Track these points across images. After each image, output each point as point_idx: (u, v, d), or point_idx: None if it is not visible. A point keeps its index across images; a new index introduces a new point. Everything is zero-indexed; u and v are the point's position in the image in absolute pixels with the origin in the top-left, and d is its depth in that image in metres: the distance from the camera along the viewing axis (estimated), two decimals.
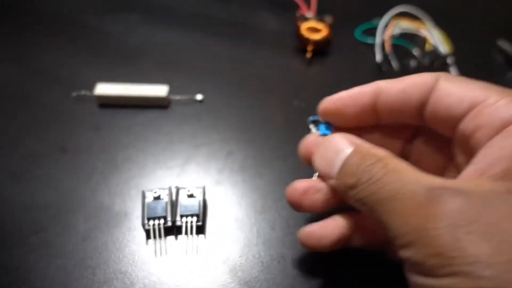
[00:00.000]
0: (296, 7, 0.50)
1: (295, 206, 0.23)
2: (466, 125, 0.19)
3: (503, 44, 0.47)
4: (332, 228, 0.22)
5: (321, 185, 0.22)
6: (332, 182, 0.21)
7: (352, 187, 0.19)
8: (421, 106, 0.21)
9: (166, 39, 0.46)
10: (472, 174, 0.18)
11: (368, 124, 0.24)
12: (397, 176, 0.18)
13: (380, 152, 0.19)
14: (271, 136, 0.36)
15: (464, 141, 0.20)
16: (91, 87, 0.37)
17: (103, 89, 0.36)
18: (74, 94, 0.37)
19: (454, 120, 0.20)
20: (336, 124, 0.24)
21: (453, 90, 0.20)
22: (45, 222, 0.28)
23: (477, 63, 0.47)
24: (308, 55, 0.44)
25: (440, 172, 0.23)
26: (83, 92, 0.37)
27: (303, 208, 0.23)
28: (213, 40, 0.47)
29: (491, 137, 0.18)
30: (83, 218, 0.29)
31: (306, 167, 0.32)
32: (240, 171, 0.33)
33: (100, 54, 0.44)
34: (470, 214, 0.15)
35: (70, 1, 0.51)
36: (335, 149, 0.21)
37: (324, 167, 0.21)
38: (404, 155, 0.24)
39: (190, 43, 0.46)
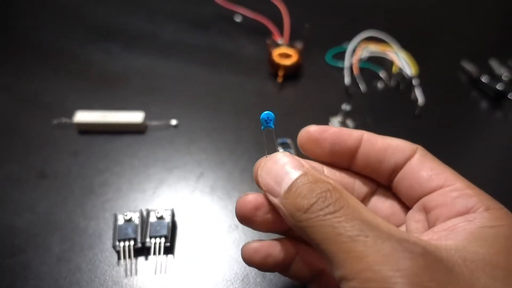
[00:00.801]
0: (270, 33, 0.52)
1: (245, 220, 0.22)
2: (431, 200, 0.21)
3: (467, 65, 0.50)
4: (280, 249, 0.22)
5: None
6: (277, 200, 0.20)
7: (303, 210, 0.18)
8: (395, 171, 0.22)
9: (145, 66, 0.49)
10: (431, 238, 0.19)
11: (336, 165, 0.24)
12: (357, 215, 0.17)
13: (331, 181, 0.19)
14: (241, 158, 0.38)
15: (421, 210, 0.22)
16: (71, 113, 0.39)
17: (82, 116, 0.39)
18: (55, 121, 0.39)
19: (421, 193, 0.21)
20: (307, 154, 0.24)
21: (427, 166, 0.21)
22: (22, 245, 0.30)
23: (442, 83, 0.49)
24: (279, 79, 0.46)
25: None
26: (63, 120, 0.39)
27: (253, 224, 0.22)
28: (190, 66, 0.49)
29: (451, 216, 0.20)
30: (59, 240, 0.30)
31: None
32: (210, 192, 0.34)
33: (81, 81, 0.46)
34: (428, 275, 0.15)
35: (55, 30, 0.54)
36: (283, 167, 0.20)
37: (270, 183, 0.20)
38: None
39: (169, 70, 0.48)
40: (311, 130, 0.23)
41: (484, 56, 0.51)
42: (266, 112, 0.23)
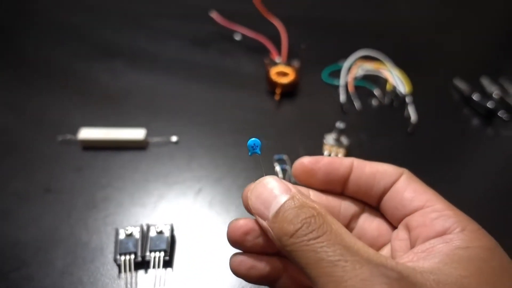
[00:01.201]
0: (268, 52, 0.54)
1: (236, 245, 0.23)
2: (412, 219, 0.22)
3: (459, 83, 0.52)
4: (265, 263, 0.23)
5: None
6: (265, 223, 0.21)
7: (289, 235, 0.19)
8: (383, 194, 0.24)
9: (147, 83, 0.50)
10: (410, 259, 0.20)
11: (329, 192, 0.25)
12: (339, 240, 0.18)
13: (316, 205, 0.20)
14: (240, 174, 0.39)
15: (405, 229, 0.23)
16: (76, 130, 0.41)
17: (86, 133, 0.40)
18: (60, 138, 0.41)
19: (404, 213, 0.23)
20: (302, 184, 0.25)
21: (410, 188, 0.23)
22: (27, 258, 0.31)
23: (435, 101, 0.51)
24: (277, 97, 0.48)
25: (372, 244, 0.24)
26: (68, 136, 0.41)
27: (243, 248, 0.23)
28: (191, 83, 0.51)
29: (430, 236, 0.21)
30: (62, 254, 0.31)
31: None
32: (208, 207, 0.36)
33: (85, 98, 0.47)
34: None
35: (60, 48, 0.56)
36: (271, 191, 0.21)
37: (259, 206, 0.21)
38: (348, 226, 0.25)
39: (170, 87, 0.50)
40: (305, 162, 0.24)
41: (475, 75, 0.53)
42: (252, 139, 0.24)
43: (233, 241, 0.23)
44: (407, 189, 0.23)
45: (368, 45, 0.55)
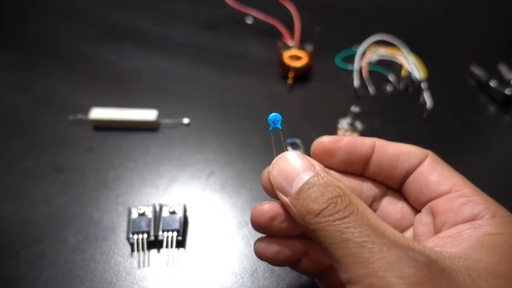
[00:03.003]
0: (281, 35, 0.53)
1: (261, 230, 0.22)
2: (438, 204, 0.21)
3: (475, 69, 0.50)
4: (290, 246, 0.22)
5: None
6: (287, 199, 0.20)
7: (314, 213, 0.19)
8: (407, 176, 0.23)
9: (157, 66, 0.50)
10: (436, 244, 0.20)
11: (349, 173, 0.24)
12: (365, 221, 0.18)
13: (342, 185, 0.19)
14: (251, 158, 0.38)
15: (429, 214, 0.22)
16: (87, 111, 0.40)
17: (98, 113, 0.40)
18: (71, 117, 0.40)
19: (429, 196, 0.22)
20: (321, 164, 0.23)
21: (436, 171, 0.22)
22: (38, 236, 0.31)
23: (451, 87, 0.50)
24: (289, 81, 0.47)
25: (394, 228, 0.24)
26: (79, 116, 0.40)
27: (269, 233, 0.22)
28: (200, 67, 0.50)
29: (458, 222, 0.20)
30: (74, 232, 0.31)
31: None
32: (220, 190, 0.35)
33: (95, 80, 0.47)
34: (431, 284, 0.16)
35: (69, 30, 0.55)
36: (294, 167, 0.20)
37: (281, 181, 0.21)
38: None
39: (179, 70, 0.49)
40: (325, 140, 0.23)
41: (493, 61, 0.52)
42: (273, 113, 0.24)
43: (259, 227, 0.22)
44: (432, 172, 0.22)
45: (382, 30, 0.54)
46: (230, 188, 0.35)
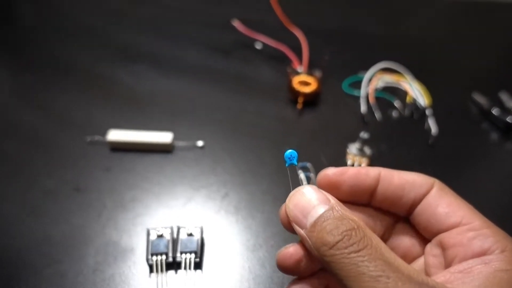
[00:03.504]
0: (289, 60, 0.55)
1: (289, 272, 0.22)
2: (448, 237, 0.21)
3: (478, 97, 0.52)
4: (315, 282, 0.22)
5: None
6: (303, 232, 0.21)
7: (329, 246, 0.19)
8: (414, 205, 0.23)
9: (170, 88, 0.51)
10: (447, 279, 0.20)
11: (356, 203, 0.25)
12: (379, 255, 0.18)
13: (355, 218, 0.20)
14: (263, 180, 0.39)
15: (439, 246, 0.22)
16: (103, 131, 0.42)
17: (115, 135, 0.41)
18: (89, 138, 0.42)
19: (438, 229, 0.22)
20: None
21: (444, 202, 0.22)
22: (58, 255, 0.32)
23: (454, 114, 0.51)
24: (299, 106, 0.48)
25: (405, 257, 0.24)
26: (96, 137, 0.41)
27: (296, 274, 0.23)
28: (212, 89, 0.52)
29: (468, 256, 0.20)
30: (93, 252, 0.32)
31: None
32: (234, 212, 0.36)
33: (111, 101, 0.48)
34: None
35: (85, 52, 0.57)
36: (309, 200, 0.21)
37: (297, 214, 0.21)
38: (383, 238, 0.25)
39: (192, 92, 0.51)
40: (330, 173, 0.24)
41: (494, 89, 0.54)
42: (289, 150, 0.25)
43: (285, 269, 0.22)
44: (440, 203, 0.22)
45: (386, 57, 0.56)
46: (245, 211, 0.36)
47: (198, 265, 0.31)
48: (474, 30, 0.72)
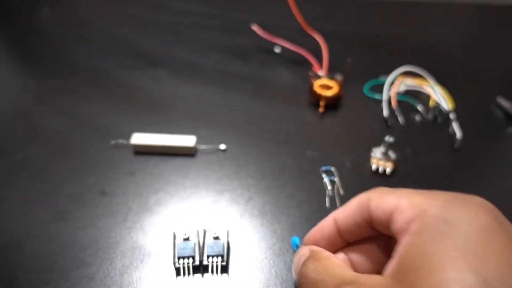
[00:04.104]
0: (309, 64, 0.55)
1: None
2: (392, 230, 0.22)
3: (502, 101, 0.51)
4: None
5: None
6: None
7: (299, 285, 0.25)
8: (369, 222, 0.24)
9: (190, 93, 0.52)
10: (387, 271, 0.20)
11: (343, 244, 0.27)
12: (318, 273, 0.23)
13: (325, 253, 0.25)
14: (287, 184, 0.39)
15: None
16: (127, 136, 0.42)
17: (139, 138, 0.41)
18: (112, 142, 0.42)
19: (386, 227, 0.23)
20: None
21: (379, 203, 0.23)
22: (86, 258, 0.32)
23: (478, 119, 0.50)
24: (321, 109, 0.48)
25: None
26: (120, 141, 0.42)
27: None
28: (232, 93, 0.52)
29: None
30: (120, 255, 0.32)
31: (317, 213, 0.35)
32: (259, 216, 0.36)
33: (133, 105, 0.49)
34: None
35: (107, 58, 0.58)
36: (299, 258, 0.26)
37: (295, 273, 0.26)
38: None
39: (212, 96, 0.51)
40: (305, 242, 0.29)
41: None
42: (294, 237, 0.33)
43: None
44: (377, 206, 0.24)
45: (406, 61, 0.56)
46: (269, 215, 0.36)
47: (224, 269, 0.31)
48: (496, 33, 0.71)
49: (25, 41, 0.61)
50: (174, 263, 0.30)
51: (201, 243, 0.32)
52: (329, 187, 0.38)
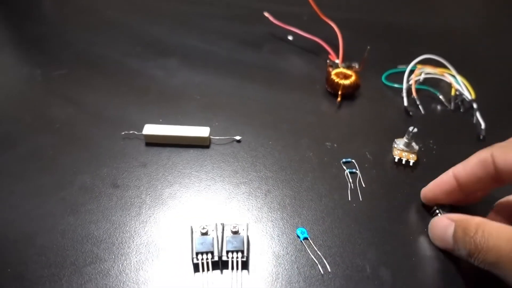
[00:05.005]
0: (323, 52, 0.53)
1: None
2: None
3: None
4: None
5: None
6: (454, 253, 0.28)
7: (468, 256, 0.25)
8: (493, 176, 0.28)
9: (202, 82, 0.50)
10: None
11: (460, 198, 0.31)
12: (494, 241, 0.24)
13: (475, 220, 0.26)
14: (306, 177, 0.38)
15: None
16: (138, 126, 0.41)
17: (151, 129, 0.40)
18: (124, 133, 0.40)
19: None
20: (437, 202, 0.33)
21: (507, 157, 0.26)
22: (100, 253, 0.30)
23: (501, 108, 0.48)
24: (339, 99, 0.46)
25: None
26: (131, 132, 0.40)
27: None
28: (245, 83, 0.50)
29: None
30: (135, 251, 0.31)
31: (339, 206, 0.34)
32: (279, 209, 0.34)
33: (143, 95, 0.47)
34: None
35: (116, 46, 0.56)
36: (442, 228, 0.29)
37: (440, 244, 0.30)
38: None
39: (225, 86, 0.49)
40: (423, 198, 0.35)
41: None
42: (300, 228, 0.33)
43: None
44: (508, 161, 0.27)
45: (425, 49, 0.53)
46: (289, 208, 0.35)
47: (244, 265, 0.30)
48: None
49: (30, 29, 0.60)
50: (193, 259, 0.29)
51: (220, 238, 0.30)
52: (350, 179, 0.37)
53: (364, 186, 0.37)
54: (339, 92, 0.46)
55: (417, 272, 0.30)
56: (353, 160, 0.39)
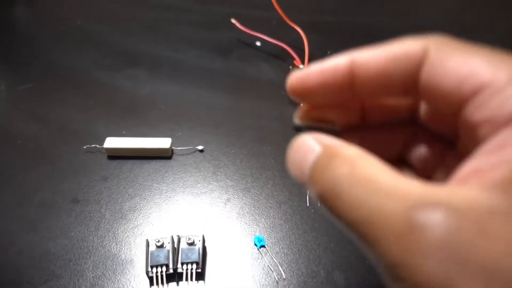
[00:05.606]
0: (290, 58, 0.54)
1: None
2: (469, 116, 0.14)
3: None
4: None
5: None
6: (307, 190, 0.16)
7: (318, 197, 0.14)
8: (413, 82, 0.16)
9: (170, 92, 0.50)
10: (465, 177, 0.13)
11: (345, 103, 0.19)
12: (368, 189, 0.13)
13: (350, 150, 0.15)
14: (266, 184, 0.38)
15: (467, 135, 0.15)
16: (102, 140, 0.41)
17: (112, 142, 0.40)
18: (85, 147, 0.41)
19: (452, 109, 0.15)
20: (307, 102, 0.20)
21: (448, 67, 0.15)
22: (56, 270, 0.31)
23: None
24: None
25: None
26: (93, 146, 0.40)
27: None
28: (213, 91, 0.50)
29: (497, 129, 0.13)
30: (92, 266, 0.31)
31: (298, 213, 0.34)
32: (237, 218, 0.35)
33: (110, 107, 0.47)
34: (462, 246, 0.11)
35: (85, 57, 0.56)
36: (303, 150, 0.16)
37: (296, 172, 0.17)
38: (402, 159, 0.20)
39: (192, 94, 0.50)
40: (290, 87, 0.19)
41: None
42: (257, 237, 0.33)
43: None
44: (445, 72, 0.15)
45: None
46: (248, 216, 0.35)
47: (200, 276, 0.30)
48: (482, 19, 0.70)
49: None
50: (147, 272, 0.29)
51: (175, 250, 0.30)
52: None
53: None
54: None
55: (371, 275, 0.31)
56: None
